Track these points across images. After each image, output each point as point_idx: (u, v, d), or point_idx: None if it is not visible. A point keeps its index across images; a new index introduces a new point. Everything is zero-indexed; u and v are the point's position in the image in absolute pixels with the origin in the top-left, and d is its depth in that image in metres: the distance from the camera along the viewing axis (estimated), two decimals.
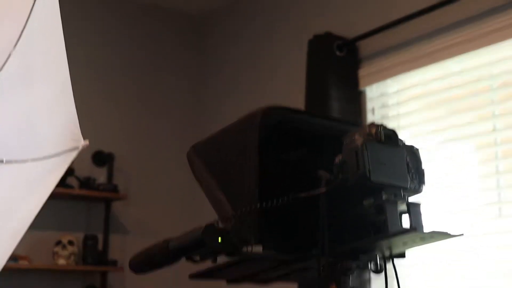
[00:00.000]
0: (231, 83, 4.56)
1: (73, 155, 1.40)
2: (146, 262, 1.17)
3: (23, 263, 3.82)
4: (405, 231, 1.01)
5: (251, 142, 1.10)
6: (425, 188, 1.11)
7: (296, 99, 3.46)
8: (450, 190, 2.98)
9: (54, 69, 1.40)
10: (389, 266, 1.17)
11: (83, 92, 3.90)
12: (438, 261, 3.03)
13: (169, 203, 4.51)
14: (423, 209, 1.08)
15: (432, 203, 2.95)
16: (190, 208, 4.17)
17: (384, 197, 1.03)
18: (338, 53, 3.42)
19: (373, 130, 1.04)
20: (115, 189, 4.20)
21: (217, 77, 4.71)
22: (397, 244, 1.09)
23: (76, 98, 1.51)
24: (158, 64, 4.70)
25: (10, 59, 1.35)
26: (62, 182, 3.91)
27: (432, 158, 3.01)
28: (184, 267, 1.23)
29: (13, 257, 3.76)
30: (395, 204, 1.04)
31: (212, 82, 4.72)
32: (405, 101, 3.31)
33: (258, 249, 1.07)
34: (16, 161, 1.40)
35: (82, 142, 1.41)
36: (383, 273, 1.14)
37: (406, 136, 3.02)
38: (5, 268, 1.72)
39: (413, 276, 3.11)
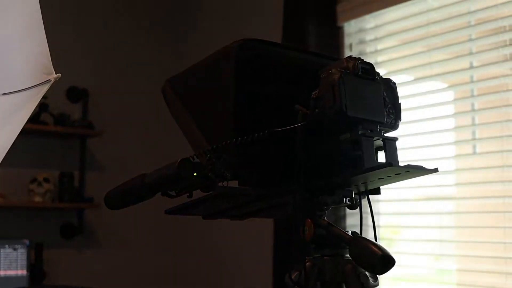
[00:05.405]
0: (208, 17, 4.49)
1: (44, 88, 1.37)
2: (121, 198, 1.16)
3: None
4: (381, 165, 1.01)
5: (227, 75, 1.08)
6: (401, 124, 1.11)
7: (273, 35, 3.42)
8: (426, 127, 2.99)
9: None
10: (364, 202, 1.17)
11: (56, 27, 3.82)
12: (412, 197, 3.07)
13: (145, 139, 4.49)
14: (399, 145, 1.08)
15: (407, 139, 2.97)
16: (167, 144, 4.14)
17: (360, 131, 1.02)
18: None
19: (350, 64, 1.03)
20: (90, 125, 4.17)
21: (193, 10, 4.63)
22: (372, 179, 1.09)
23: (49, 33, 1.46)
24: None
25: None
26: (36, 119, 3.87)
27: (408, 95, 3.02)
28: (160, 202, 1.22)
29: None
30: (371, 139, 1.04)
31: (188, 15, 4.64)
32: (383, 37, 3.29)
33: (234, 184, 1.07)
34: None
35: (53, 75, 1.37)
36: (358, 209, 1.15)
37: (383, 73, 3.01)
38: None
39: (388, 213, 3.15)
